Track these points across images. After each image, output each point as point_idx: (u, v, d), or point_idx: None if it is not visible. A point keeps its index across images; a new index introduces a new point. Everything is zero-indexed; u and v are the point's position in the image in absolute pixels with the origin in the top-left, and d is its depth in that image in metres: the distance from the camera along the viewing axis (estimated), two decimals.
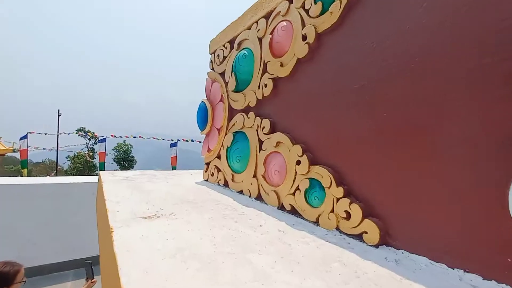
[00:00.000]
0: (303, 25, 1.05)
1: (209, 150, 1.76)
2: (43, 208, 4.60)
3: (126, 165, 32.90)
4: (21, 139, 20.84)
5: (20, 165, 22.11)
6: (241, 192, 1.41)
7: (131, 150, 33.40)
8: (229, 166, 1.52)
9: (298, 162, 1.02)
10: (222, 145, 1.60)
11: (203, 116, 1.82)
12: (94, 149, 32.20)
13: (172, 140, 21.75)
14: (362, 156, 0.82)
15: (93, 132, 31.95)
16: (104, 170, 21.04)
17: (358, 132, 0.83)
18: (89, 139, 33.57)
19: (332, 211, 0.86)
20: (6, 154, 20.17)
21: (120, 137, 24.08)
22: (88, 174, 30.02)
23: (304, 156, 0.99)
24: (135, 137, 23.73)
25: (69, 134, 25.61)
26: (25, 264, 2.43)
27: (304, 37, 1.04)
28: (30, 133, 21.09)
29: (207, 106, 1.77)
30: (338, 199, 0.84)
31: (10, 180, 4.84)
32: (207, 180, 1.80)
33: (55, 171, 27.44)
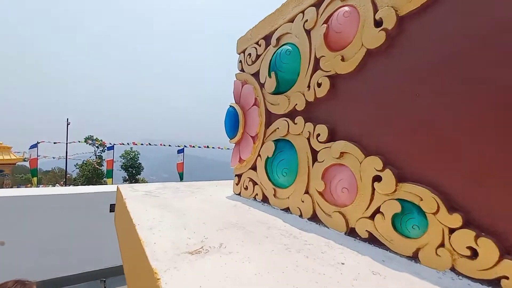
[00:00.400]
0: (375, 9, 0.86)
1: (241, 161, 1.57)
2: (55, 219, 4.48)
3: (134, 172, 33.02)
4: (31, 148, 21.10)
5: (30, 174, 22.37)
6: (286, 210, 1.21)
7: (138, 157, 33.53)
8: (269, 179, 1.33)
9: (377, 178, 0.81)
10: (259, 155, 1.40)
11: (232, 122, 1.63)
12: (102, 156, 32.42)
13: (179, 146, 21.75)
14: (491, 169, 0.61)
15: (101, 140, 32.26)
16: (111, 177, 21.09)
17: (483, 136, 0.62)
18: (97, 147, 33.91)
19: (441, 245, 0.65)
20: (16, 163, 20.39)
21: (128, 144, 24.20)
22: (96, 181, 30.20)
23: (388, 171, 0.78)
24: (142, 144, 23.80)
25: (78, 142, 25.88)
26: (38, 277, 2.27)
27: (378, 23, 0.84)
28: (39, 142, 21.35)
29: (238, 111, 1.58)
30: (452, 230, 0.64)
31: (21, 192, 4.74)
32: (239, 194, 1.60)
33: (64, 179, 27.66)
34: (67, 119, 21.44)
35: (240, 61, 1.64)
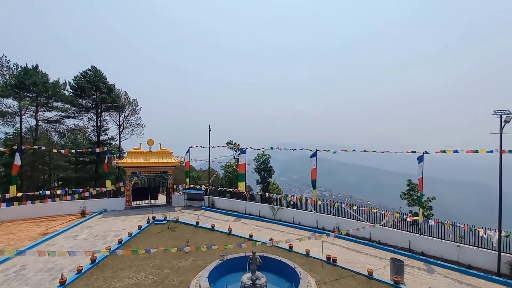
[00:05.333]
0: None
1: None
2: None
3: (265, 175, 33.57)
4: (186, 153, 24.61)
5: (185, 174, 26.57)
6: None
7: (269, 160, 33.86)
8: None
9: None
10: None
11: None
12: (239, 159, 35.04)
13: (310, 150, 19.06)
14: None
15: (238, 144, 34.95)
16: (244, 181, 20.96)
17: None
18: (235, 151, 37.21)
19: None
20: (176, 166, 24.30)
21: (258, 149, 24.12)
22: (235, 182, 32.80)
23: None
24: (272, 148, 22.98)
25: (222, 146, 28.64)
26: None
27: None
28: (191, 147, 24.53)
29: None
30: None
31: None
32: None
33: (211, 179, 31.35)
34: (209, 126, 23.62)
35: None
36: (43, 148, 23.38)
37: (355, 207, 17.33)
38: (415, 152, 14.67)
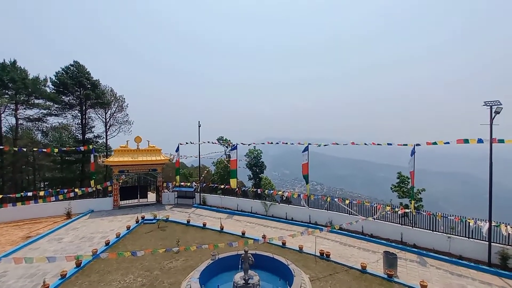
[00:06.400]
0: None
1: None
2: None
3: (257, 170, 33.29)
4: (176, 150, 23.98)
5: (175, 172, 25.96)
6: None
7: (261, 155, 33.56)
8: None
9: None
10: None
11: None
12: (230, 155, 34.57)
13: (302, 143, 18.80)
14: None
15: (229, 140, 34.45)
16: (236, 177, 20.60)
17: None
18: (226, 147, 36.72)
19: None
20: (165, 163, 23.66)
21: (249, 145, 23.75)
22: (227, 179, 32.44)
23: None
24: (263, 143, 22.66)
25: (211, 143, 28.09)
26: None
27: None
28: (180, 144, 23.92)
29: None
30: None
31: None
32: None
33: (203, 175, 30.84)
34: (199, 121, 23.03)
35: None
36: (24, 149, 22.26)
37: (347, 201, 17.26)
38: (406, 145, 14.62)
